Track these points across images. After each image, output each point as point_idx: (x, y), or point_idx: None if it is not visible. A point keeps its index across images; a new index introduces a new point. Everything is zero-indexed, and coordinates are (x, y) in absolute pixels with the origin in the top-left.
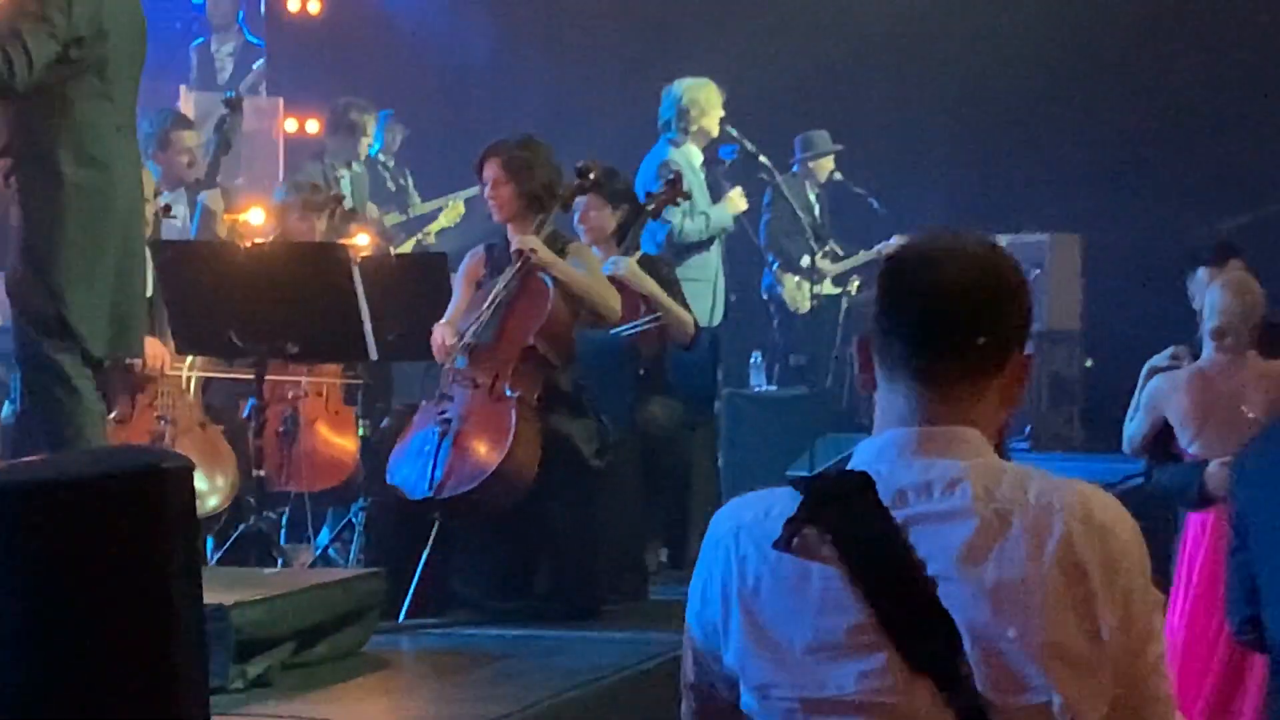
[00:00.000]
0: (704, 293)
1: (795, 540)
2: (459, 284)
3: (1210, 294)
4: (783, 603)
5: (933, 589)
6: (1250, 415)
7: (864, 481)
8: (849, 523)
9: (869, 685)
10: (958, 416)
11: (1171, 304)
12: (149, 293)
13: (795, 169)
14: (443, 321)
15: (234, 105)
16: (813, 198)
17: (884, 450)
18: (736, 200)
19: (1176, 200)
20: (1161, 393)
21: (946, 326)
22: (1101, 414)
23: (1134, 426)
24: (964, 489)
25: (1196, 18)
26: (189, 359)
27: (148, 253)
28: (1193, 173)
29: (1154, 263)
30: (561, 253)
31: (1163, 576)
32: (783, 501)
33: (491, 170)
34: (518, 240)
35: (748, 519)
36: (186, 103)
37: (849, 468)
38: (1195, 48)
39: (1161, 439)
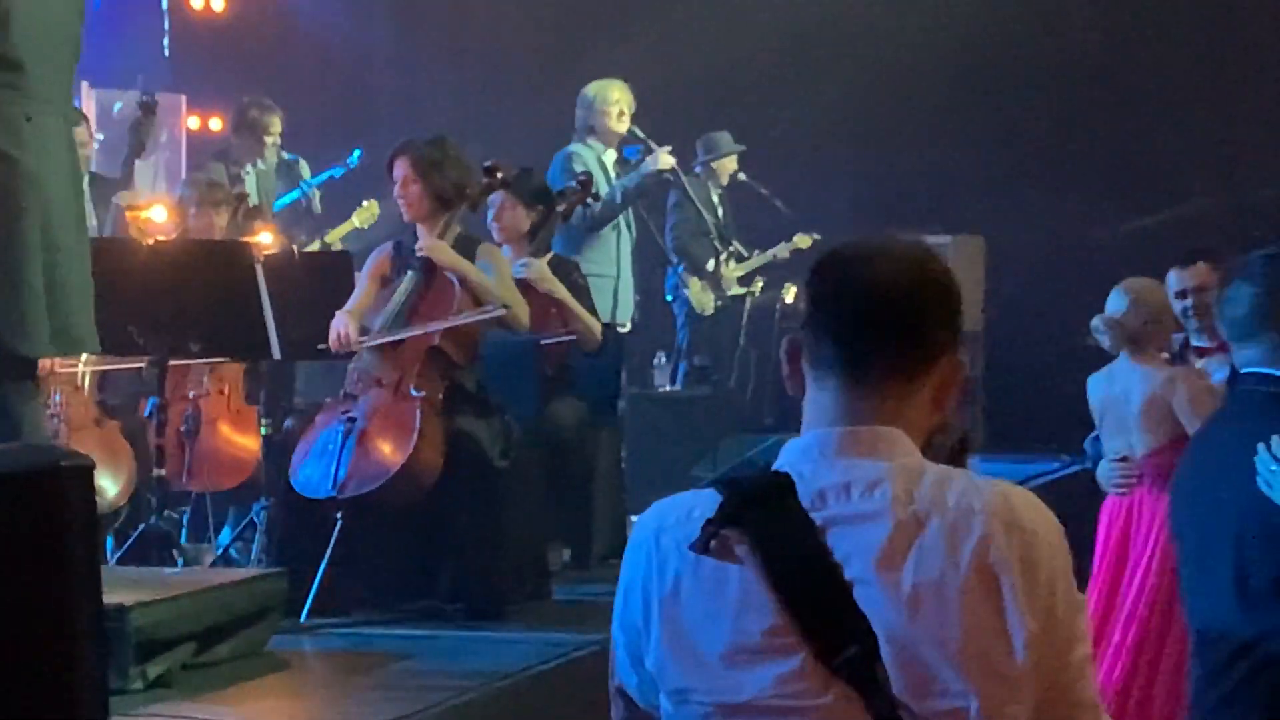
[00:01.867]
0: (604, 288)
1: (713, 542)
2: (363, 277)
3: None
4: (701, 605)
5: (850, 591)
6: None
7: (784, 483)
8: (767, 524)
9: (785, 689)
10: (885, 417)
11: (1073, 304)
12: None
13: (698, 170)
14: (346, 309)
15: (148, 107)
16: (716, 198)
17: (807, 450)
18: (664, 157)
19: (1079, 201)
20: (1094, 380)
21: (877, 327)
22: (1002, 414)
23: None
24: (883, 490)
25: (1100, 18)
26: (83, 356)
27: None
28: (1095, 174)
29: (1056, 264)
30: (471, 255)
31: (1082, 576)
32: (705, 503)
33: (402, 169)
34: (423, 244)
35: (670, 521)
36: (88, 100)
37: (774, 468)
38: (1099, 48)
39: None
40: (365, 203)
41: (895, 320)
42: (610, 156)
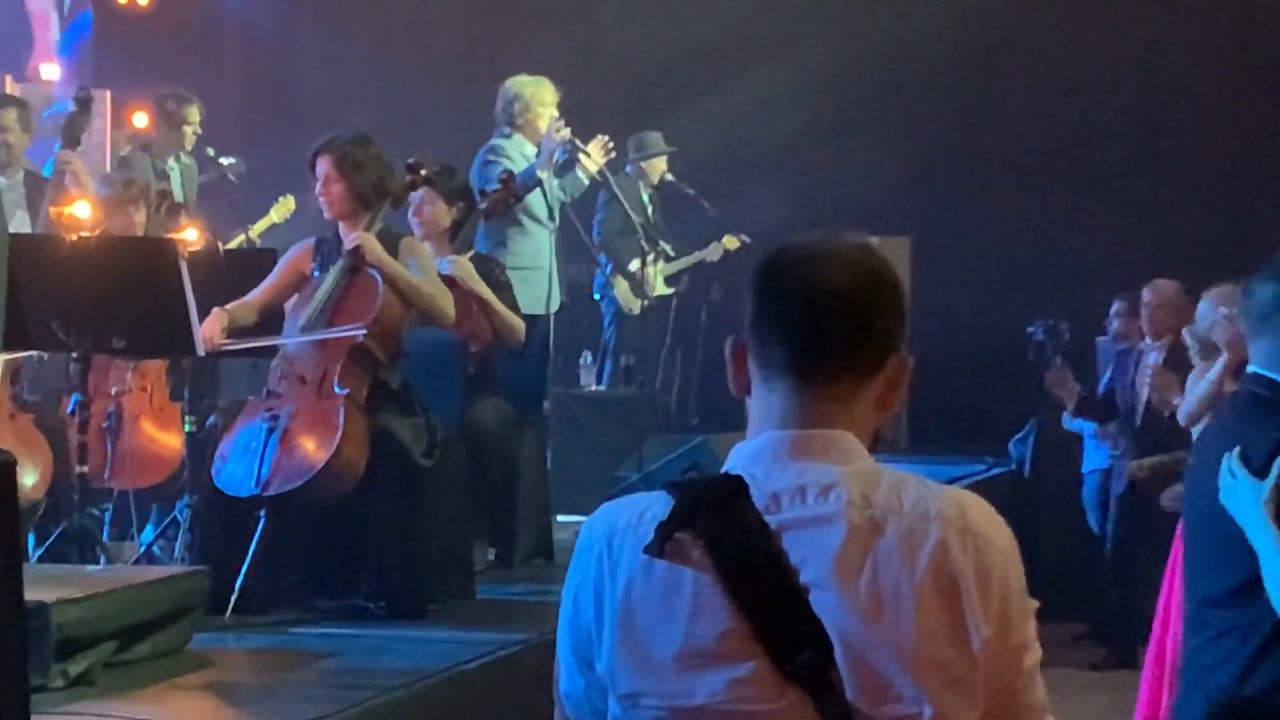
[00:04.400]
0: (538, 280)
1: (667, 545)
2: (278, 267)
3: None
4: (654, 608)
5: (805, 596)
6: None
7: (738, 485)
8: (722, 527)
9: (739, 693)
10: (835, 420)
11: (999, 306)
12: None
13: (628, 169)
14: (227, 307)
15: (83, 103)
16: (645, 198)
17: (759, 453)
18: (596, 152)
19: (1005, 204)
20: None
21: (826, 328)
22: (927, 417)
23: None
24: (839, 494)
25: (1024, 17)
26: None
27: None
28: (1022, 176)
29: (982, 266)
30: (394, 249)
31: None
32: (657, 505)
33: (324, 166)
34: (351, 237)
35: (622, 523)
36: (12, 93)
37: (724, 470)
38: (1025, 48)
39: None
40: (281, 198)
41: (845, 321)
42: (532, 150)
